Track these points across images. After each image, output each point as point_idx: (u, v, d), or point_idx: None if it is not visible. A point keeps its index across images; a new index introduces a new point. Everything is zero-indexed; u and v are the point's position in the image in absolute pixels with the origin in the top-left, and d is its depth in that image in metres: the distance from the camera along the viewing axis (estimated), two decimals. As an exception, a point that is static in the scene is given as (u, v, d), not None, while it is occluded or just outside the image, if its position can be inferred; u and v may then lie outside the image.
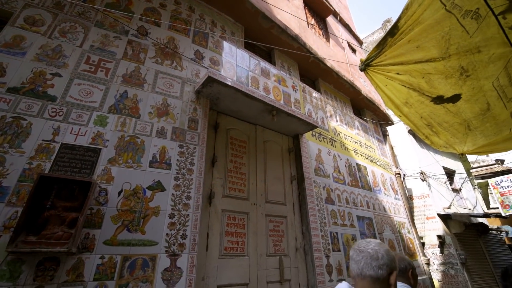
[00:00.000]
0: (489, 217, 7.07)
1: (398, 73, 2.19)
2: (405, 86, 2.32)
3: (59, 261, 1.76)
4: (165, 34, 3.12)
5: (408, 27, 1.91)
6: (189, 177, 2.52)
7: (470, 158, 10.63)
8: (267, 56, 4.59)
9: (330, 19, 6.97)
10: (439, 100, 2.50)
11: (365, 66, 2.11)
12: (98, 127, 2.25)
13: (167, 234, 2.19)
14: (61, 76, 2.25)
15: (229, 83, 2.81)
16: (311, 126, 3.75)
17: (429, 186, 7.04)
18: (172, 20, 3.28)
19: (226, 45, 3.71)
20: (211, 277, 2.44)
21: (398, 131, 7.70)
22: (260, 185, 3.27)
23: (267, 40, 4.36)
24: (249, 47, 4.21)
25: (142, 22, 3.00)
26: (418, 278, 3.97)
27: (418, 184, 7.02)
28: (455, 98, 2.51)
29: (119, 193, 2.13)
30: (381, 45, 1.99)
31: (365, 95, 6.16)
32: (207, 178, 2.81)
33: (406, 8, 1.83)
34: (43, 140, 1.98)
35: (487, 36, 2.05)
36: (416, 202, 6.95)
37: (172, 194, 2.36)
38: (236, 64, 3.68)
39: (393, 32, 1.92)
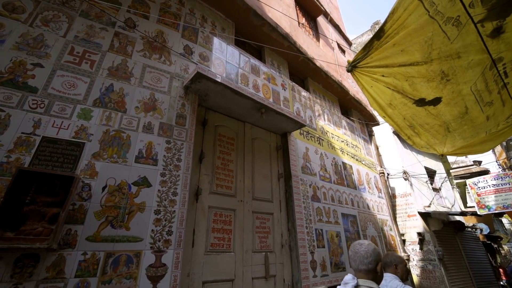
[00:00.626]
0: (466, 215, 7.43)
1: (383, 75, 2.26)
2: (389, 88, 2.39)
3: (39, 257, 1.71)
4: (153, 27, 3.06)
5: (394, 31, 1.97)
6: (176, 173, 2.50)
7: (450, 159, 11.11)
8: (258, 53, 4.60)
9: (321, 19, 7.04)
10: (421, 102, 2.60)
11: (352, 67, 2.16)
12: (82, 120, 2.19)
13: (152, 230, 2.17)
14: (43, 66, 2.16)
15: (218, 80, 2.80)
16: (299, 125, 3.80)
17: (411, 185, 7.31)
18: (161, 13, 3.22)
19: (216, 41, 3.68)
20: (196, 273, 2.44)
21: (383, 131, 7.93)
22: (248, 182, 3.29)
23: (258, 37, 4.36)
24: (240, 44, 4.20)
25: (130, 14, 2.92)
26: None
27: (401, 183, 7.28)
28: (436, 101, 2.62)
29: (103, 188, 2.08)
30: (368, 48, 2.05)
31: (352, 95, 6.29)
32: (194, 174, 2.80)
33: (392, 12, 1.89)
34: (22, 133, 1.91)
35: (466, 43, 2.15)
36: (398, 201, 7.21)
37: (158, 190, 2.34)
38: (226, 60, 3.66)
39: (379, 35, 1.98)
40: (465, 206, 9.91)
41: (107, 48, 2.59)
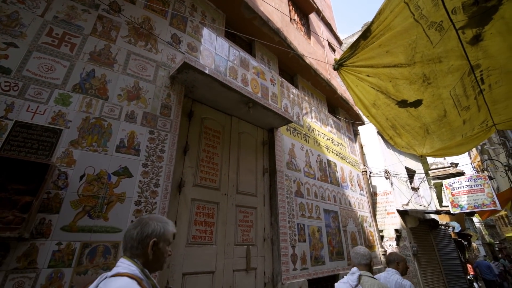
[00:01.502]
0: (440, 214, 7.83)
1: (368, 75, 2.31)
2: (373, 88, 2.45)
3: (9, 247, 1.64)
4: (140, 13, 2.95)
5: (380, 31, 2.01)
6: (159, 164, 2.46)
7: (429, 160, 11.62)
8: (248, 47, 4.55)
9: (313, 17, 7.06)
10: (403, 104, 2.68)
11: (339, 65, 2.19)
12: (59, 106, 2.09)
13: (132, 221, 2.13)
14: (18, 47, 2.04)
15: (206, 71, 2.76)
16: (286, 121, 3.82)
17: (391, 184, 7.59)
18: (149, -1, 3.10)
19: (205, 31, 3.60)
20: (177, 264, 2.43)
21: (368, 131, 8.14)
22: (232, 176, 3.29)
23: (249, 30, 4.32)
24: (230, 36, 4.14)
25: (115, -3, 2.80)
26: (374, 267, 4.33)
27: (382, 182, 7.54)
28: (417, 103, 2.71)
29: (81, 177, 2.02)
30: (354, 47, 2.08)
31: (340, 94, 6.39)
32: (178, 166, 2.76)
33: (379, 13, 1.92)
34: (-7, 116, 1.80)
35: (448, 48, 2.23)
36: (379, 198, 7.47)
37: (140, 180, 2.29)
38: (215, 52, 3.60)
39: (366, 35, 2.01)
40: (441, 205, 10.44)
41: (89, 32, 2.48)
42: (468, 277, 9.14)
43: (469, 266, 9.88)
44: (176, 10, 3.35)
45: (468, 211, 6.70)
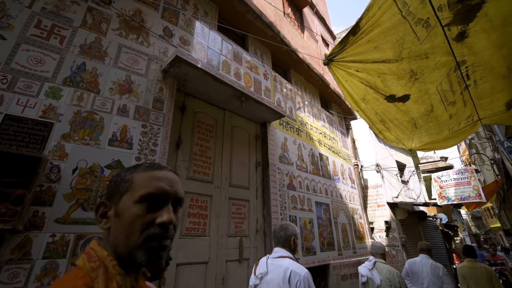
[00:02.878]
0: (428, 206, 8.08)
1: (357, 70, 2.36)
2: (363, 83, 2.51)
3: (3, 239, 1.66)
4: (131, 6, 2.91)
5: (369, 27, 2.05)
6: (152, 157, 2.48)
7: (420, 154, 11.88)
8: (241, 40, 4.54)
9: (307, 11, 7.04)
10: (391, 98, 2.76)
11: (328, 60, 2.23)
12: (50, 99, 2.08)
13: (125, 213, 2.16)
14: (5, 39, 2.01)
15: (198, 65, 2.76)
16: (278, 115, 3.87)
17: (382, 177, 7.76)
18: (140, -9, 3.06)
19: (198, 25, 3.58)
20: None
21: (360, 125, 8.26)
22: (225, 169, 3.34)
23: (242, 24, 4.30)
24: (223, 29, 4.12)
25: (105, -12, 2.75)
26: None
27: (374, 175, 7.71)
28: (405, 98, 2.79)
29: (74, 170, 2.03)
30: (344, 42, 2.12)
31: (333, 89, 6.45)
32: (171, 160, 2.79)
33: (367, 10, 1.96)
34: (-18, 109, 1.79)
35: (434, 44, 2.29)
36: (370, 191, 7.65)
37: (133, 174, 2.31)
38: (207, 46, 3.60)
39: (355, 31, 2.05)
40: (430, 198, 10.75)
41: (79, 24, 2.45)
42: (454, 266, 9.50)
43: (454, 255, 10.26)
44: (168, 2, 3.32)
45: (454, 202, 6.95)
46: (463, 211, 18.23)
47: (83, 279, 0.50)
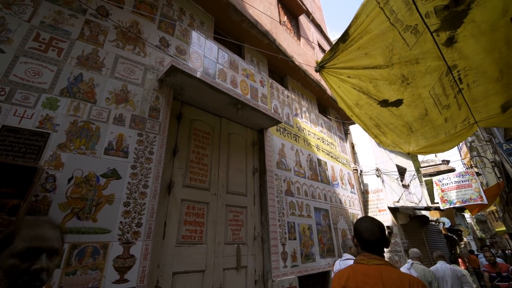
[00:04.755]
0: (430, 210, 8.00)
1: (349, 77, 2.39)
2: (355, 89, 2.54)
3: (-3, 249, 1.67)
4: (128, 17, 2.99)
5: (358, 35, 2.09)
6: (148, 166, 2.50)
7: (421, 157, 11.84)
8: (237, 48, 4.62)
9: (303, 18, 7.16)
10: (384, 103, 2.78)
11: (320, 67, 2.27)
12: (47, 110, 2.12)
13: (121, 222, 2.18)
14: (4, 52, 2.07)
15: (193, 74, 2.81)
16: (275, 121, 3.90)
17: (382, 182, 7.73)
18: (137, 3, 3.14)
19: (194, 34, 3.66)
20: (167, 264, 2.48)
21: (359, 130, 8.27)
22: (222, 176, 3.35)
23: (238, 33, 4.38)
24: (219, 38, 4.20)
25: (103, 1, 2.83)
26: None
27: (374, 179, 7.67)
28: (398, 103, 2.81)
29: (69, 180, 2.05)
30: (334, 50, 2.16)
31: (330, 94, 6.49)
32: (167, 167, 2.81)
33: (356, 18, 2.01)
34: (-20, 121, 1.83)
35: (424, 50, 2.33)
36: (371, 196, 7.60)
37: (128, 182, 2.33)
38: (203, 55, 3.66)
39: (344, 38, 2.10)
40: (433, 202, 10.65)
41: (77, 36, 2.51)
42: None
43: (460, 260, 10.09)
44: (165, 14, 3.40)
45: (456, 205, 6.89)
46: (467, 214, 18.01)
47: None
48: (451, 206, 7.07)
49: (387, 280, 1.13)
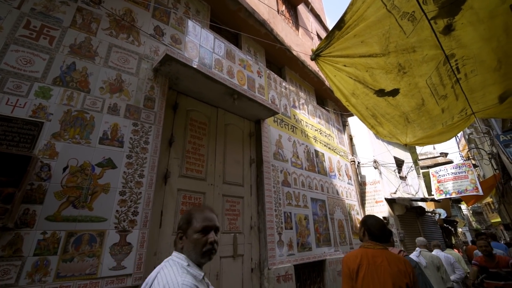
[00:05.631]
0: (426, 201, 8.09)
1: (345, 65, 2.37)
2: (351, 78, 2.52)
3: (-7, 236, 1.69)
4: (121, 5, 2.93)
5: (354, 22, 2.06)
6: (143, 155, 2.51)
7: (418, 149, 11.87)
8: (234, 38, 4.55)
9: (302, 8, 7.04)
10: (381, 93, 2.76)
11: (316, 56, 2.24)
12: (40, 99, 2.11)
13: (117, 210, 2.19)
14: (-6, 40, 2.03)
15: (188, 63, 2.78)
16: (272, 112, 3.88)
17: (380, 173, 7.77)
18: (130, -10, 3.07)
19: (190, 23, 3.60)
20: (163, 252, 2.51)
21: (357, 122, 8.26)
22: (219, 167, 3.36)
23: (234, 22, 4.31)
24: (216, 27, 4.13)
25: (95, -12, 2.77)
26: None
27: (371, 171, 7.72)
28: (394, 92, 2.80)
29: (64, 169, 2.06)
30: (330, 37, 2.13)
31: (328, 86, 6.44)
32: (163, 157, 2.81)
33: (352, 4, 1.97)
34: (-28, 110, 1.82)
35: (421, 38, 2.29)
36: (368, 188, 7.66)
37: (124, 172, 2.34)
38: (199, 44, 3.61)
39: (340, 25, 2.06)
40: (430, 194, 10.75)
41: (69, 24, 2.47)
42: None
43: (455, 250, 10.27)
44: (159, 2, 3.33)
45: (452, 196, 6.97)
46: (463, 206, 18.22)
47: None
48: (447, 196, 7.15)
49: (389, 258, 1.64)
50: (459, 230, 14.45)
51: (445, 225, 10.28)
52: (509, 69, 2.69)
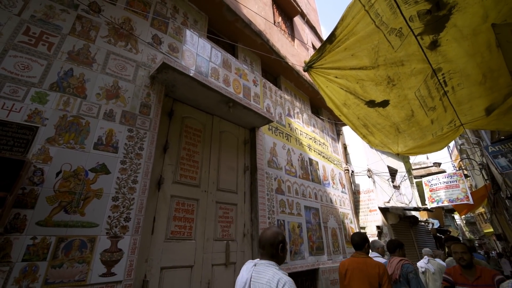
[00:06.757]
0: (419, 210, 8.16)
1: (336, 77, 2.46)
2: (343, 89, 2.60)
3: (-18, 241, 1.67)
4: (120, 14, 3.00)
5: (344, 36, 2.15)
6: (137, 161, 2.52)
7: (412, 159, 12.04)
8: (231, 47, 4.65)
9: (298, 20, 7.24)
10: (371, 104, 2.85)
11: (308, 67, 2.32)
12: (36, 104, 2.13)
13: (109, 216, 2.19)
14: (-7, 45, 2.07)
15: (185, 71, 2.84)
16: (267, 120, 3.94)
17: (374, 182, 7.85)
18: (130, 0, 3.16)
19: (187, 33, 3.68)
20: (155, 259, 2.50)
21: (351, 131, 8.39)
22: (213, 174, 3.38)
23: (231, 32, 4.42)
24: (213, 36, 4.23)
25: (95, -3, 2.84)
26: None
27: (365, 180, 7.79)
28: (384, 103, 2.89)
29: (58, 174, 2.06)
30: (321, 50, 2.22)
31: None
32: (158, 164, 2.83)
33: (342, 19, 2.06)
34: (-33, 113, 1.83)
35: (408, 52, 2.40)
36: (362, 197, 7.72)
37: (118, 177, 2.35)
38: (196, 53, 3.69)
39: (331, 39, 2.15)
40: (423, 204, 10.85)
41: (68, 31, 2.52)
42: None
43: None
44: (158, 11, 3.42)
45: (444, 204, 7.05)
46: (456, 216, 18.36)
47: None
48: (439, 205, 7.24)
49: (368, 264, 2.24)
50: (452, 240, 14.52)
51: (438, 234, 10.34)
52: (494, 83, 2.81)
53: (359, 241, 2.48)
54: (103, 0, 2.89)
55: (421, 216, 9.29)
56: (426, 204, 9.38)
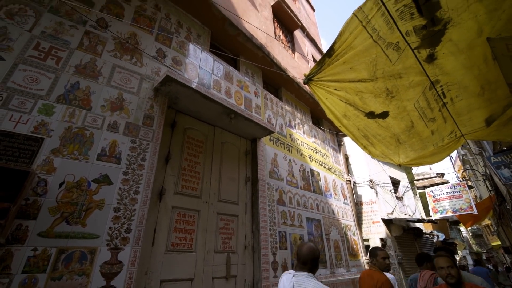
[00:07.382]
0: (423, 222, 8.03)
1: (336, 89, 2.51)
2: (342, 101, 2.65)
3: (-16, 252, 1.68)
4: (126, 29, 3.11)
5: (343, 50, 2.21)
6: (139, 172, 2.55)
7: (414, 170, 11.96)
8: (233, 60, 4.77)
9: (298, 33, 7.43)
10: (371, 115, 2.89)
11: (308, 80, 2.38)
12: (42, 116, 2.18)
13: (110, 227, 2.19)
14: (4, 59, 2.15)
15: (188, 84, 2.91)
16: (268, 131, 3.98)
17: (376, 193, 7.78)
18: (136, 16, 3.28)
19: (190, 46, 3.79)
20: (155, 271, 2.47)
21: (353, 142, 8.40)
22: (214, 185, 3.39)
23: (233, 45, 4.54)
24: (215, 49, 4.35)
25: (103, 14, 2.96)
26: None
27: (367, 191, 7.72)
28: (384, 115, 2.92)
29: (61, 184, 2.08)
30: (321, 63, 2.28)
31: (324, 106, 6.64)
32: (159, 174, 2.85)
33: (340, 34, 2.13)
34: (-25, 125, 1.88)
35: (406, 66, 2.45)
36: (364, 208, 7.62)
37: (120, 188, 2.37)
38: (199, 66, 3.78)
39: (330, 53, 2.21)
40: (427, 215, 10.68)
41: (76, 46, 2.61)
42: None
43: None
44: (163, 26, 3.54)
45: (448, 215, 6.95)
46: (462, 228, 17.99)
47: None
48: (442, 215, 7.13)
49: (373, 275, 2.44)
50: (459, 253, 14.16)
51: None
52: (493, 95, 2.84)
53: (369, 253, 2.68)
54: (110, 16, 3.01)
55: (426, 228, 9.12)
56: (430, 216, 9.23)
